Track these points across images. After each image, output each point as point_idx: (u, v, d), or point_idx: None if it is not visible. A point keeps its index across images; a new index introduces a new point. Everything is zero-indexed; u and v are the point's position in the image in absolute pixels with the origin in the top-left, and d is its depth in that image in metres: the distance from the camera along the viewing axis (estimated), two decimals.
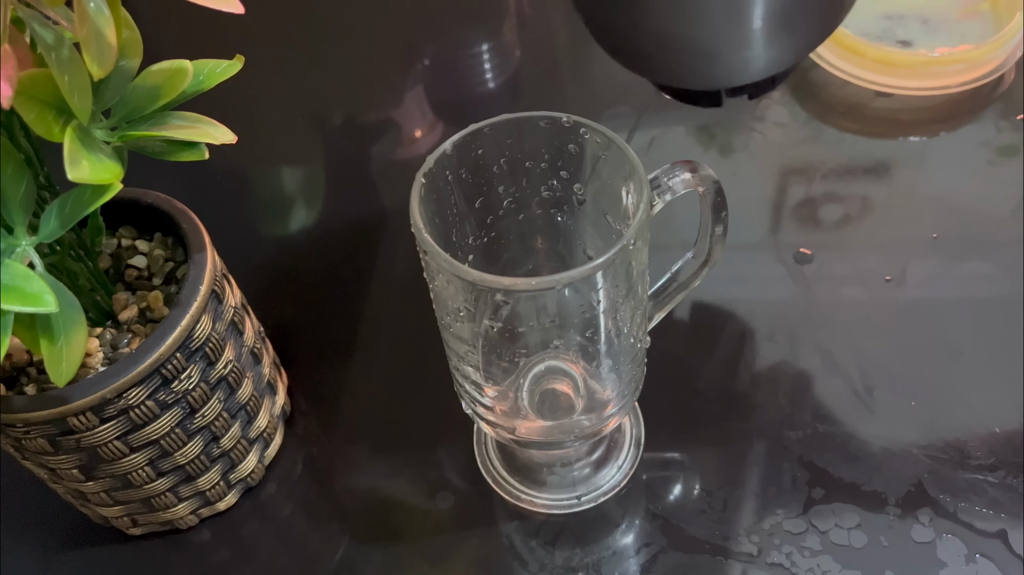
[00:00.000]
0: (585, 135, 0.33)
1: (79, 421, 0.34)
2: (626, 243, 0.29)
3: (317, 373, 0.47)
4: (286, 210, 0.56)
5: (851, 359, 0.44)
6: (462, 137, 0.33)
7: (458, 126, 0.33)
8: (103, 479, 0.37)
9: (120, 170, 0.29)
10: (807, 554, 0.38)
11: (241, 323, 0.40)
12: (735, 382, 0.44)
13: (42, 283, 0.28)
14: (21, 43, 0.28)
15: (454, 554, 0.40)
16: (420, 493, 0.42)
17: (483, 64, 0.63)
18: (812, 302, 0.47)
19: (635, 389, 0.38)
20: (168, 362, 0.35)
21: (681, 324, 0.44)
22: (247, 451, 0.41)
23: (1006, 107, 0.55)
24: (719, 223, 0.36)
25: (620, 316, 0.33)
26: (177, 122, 0.31)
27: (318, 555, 0.40)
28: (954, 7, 0.58)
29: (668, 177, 0.33)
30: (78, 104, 0.28)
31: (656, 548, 0.39)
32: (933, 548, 0.38)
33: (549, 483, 0.41)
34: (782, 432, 0.42)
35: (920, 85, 0.55)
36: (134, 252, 0.40)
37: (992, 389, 0.43)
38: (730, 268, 0.42)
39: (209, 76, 0.32)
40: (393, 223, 0.53)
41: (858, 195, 0.51)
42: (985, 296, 0.46)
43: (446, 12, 0.66)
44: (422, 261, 0.31)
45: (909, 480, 0.40)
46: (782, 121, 0.56)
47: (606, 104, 0.58)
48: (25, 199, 0.30)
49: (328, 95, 0.62)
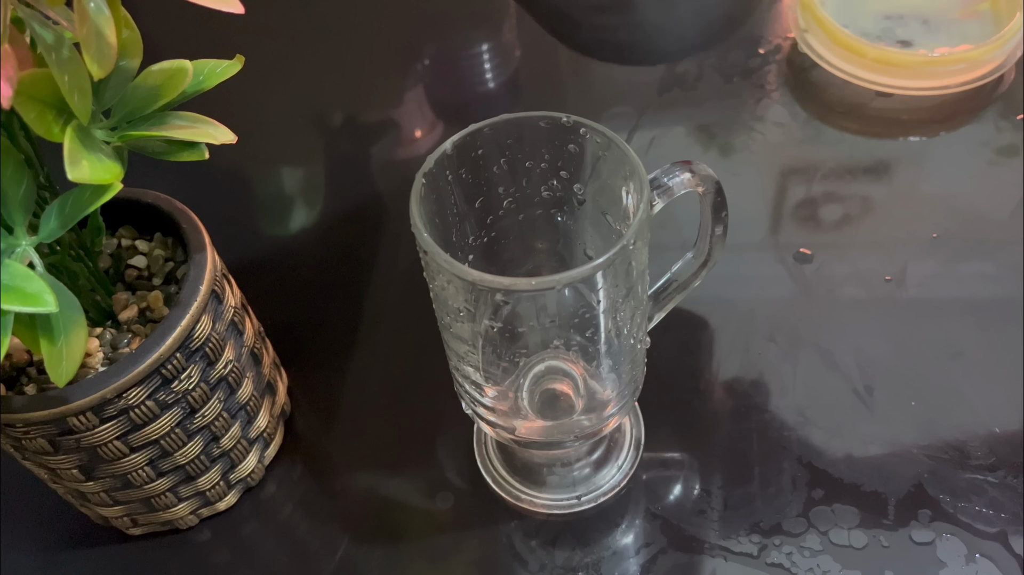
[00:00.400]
0: (585, 135, 0.33)
1: (79, 421, 0.34)
2: (626, 243, 0.29)
3: (317, 373, 0.47)
4: (286, 210, 0.56)
5: (851, 359, 0.44)
6: (462, 137, 0.33)
7: (458, 126, 0.33)
8: (103, 479, 0.37)
9: (120, 170, 0.29)
10: (807, 554, 0.38)
11: (241, 323, 0.40)
12: (735, 382, 0.44)
13: (42, 283, 0.28)
14: (21, 43, 0.28)
15: (454, 554, 0.40)
16: (420, 493, 0.42)
17: (483, 64, 0.63)
18: (812, 302, 0.47)
19: (635, 389, 0.38)
20: (168, 362, 0.35)
21: (681, 324, 0.44)
22: (247, 451, 0.41)
23: (1006, 107, 0.55)
24: (719, 223, 0.36)
25: (620, 316, 0.33)
26: (177, 122, 0.31)
27: (318, 555, 0.40)
28: (954, 7, 0.58)
29: (668, 177, 0.33)
30: (78, 104, 0.28)
31: (656, 548, 0.39)
32: (933, 548, 0.38)
33: (549, 483, 0.41)
34: (782, 432, 0.42)
35: (920, 85, 0.55)
36: (134, 252, 0.40)
37: (992, 389, 0.43)
38: (730, 268, 0.42)
39: (209, 76, 0.32)
40: (393, 223, 0.53)
41: (858, 195, 0.51)
42: (985, 296, 0.46)
43: (446, 12, 0.66)
44: (422, 261, 0.31)
45: (909, 480, 0.40)
46: (782, 121, 0.56)
47: (606, 104, 0.58)
48: (25, 199, 0.30)
49: (328, 95, 0.62)
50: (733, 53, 0.59)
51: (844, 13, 0.58)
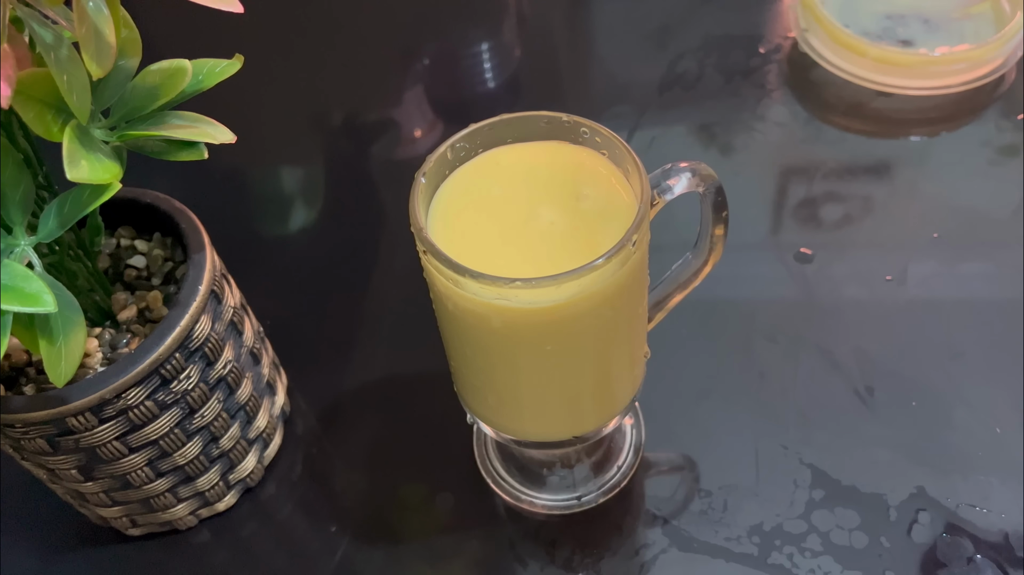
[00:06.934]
0: (585, 135, 0.33)
1: (78, 421, 0.34)
2: (626, 243, 0.29)
3: (317, 373, 0.47)
4: (286, 210, 0.56)
5: (851, 359, 0.44)
6: (462, 137, 0.33)
7: (458, 126, 0.33)
8: (102, 479, 0.37)
9: (119, 170, 0.29)
10: (808, 555, 0.38)
11: (240, 323, 0.40)
12: (736, 382, 0.44)
13: (41, 283, 0.28)
14: (20, 42, 0.28)
15: (454, 554, 0.40)
16: (420, 493, 0.42)
17: (483, 64, 0.63)
18: (812, 302, 0.47)
19: (635, 390, 0.38)
20: (167, 362, 0.35)
21: (681, 324, 0.44)
22: (246, 451, 0.41)
23: (1007, 107, 0.54)
24: (719, 223, 0.36)
25: (620, 316, 0.33)
26: (176, 122, 0.31)
27: (318, 555, 0.40)
28: (955, 7, 0.58)
29: (668, 177, 0.33)
30: (77, 104, 0.28)
31: (656, 549, 0.39)
32: (933, 549, 0.38)
33: (549, 483, 0.41)
34: (782, 433, 0.42)
35: (921, 85, 0.55)
36: (133, 252, 0.40)
37: (992, 389, 0.43)
38: (730, 268, 0.42)
39: (208, 76, 0.32)
40: (393, 223, 0.53)
41: (859, 195, 0.51)
42: (985, 296, 0.46)
43: (446, 12, 0.66)
44: (422, 261, 0.31)
45: (910, 481, 0.40)
46: (783, 121, 0.55)
47: (606, 104, 0.58)
48: (24, 199, 0.30)
49: (328, 95, 0.62)
50: (733, 53, 0.59)
51: (845, 13, 0.58)
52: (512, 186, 0.33)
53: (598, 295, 0.30)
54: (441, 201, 0.33)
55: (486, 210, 0.33)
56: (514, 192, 0.33)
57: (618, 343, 0.34)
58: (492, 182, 0.33)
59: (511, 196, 0.33)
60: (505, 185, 0.33)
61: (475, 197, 0.33)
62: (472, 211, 0.32)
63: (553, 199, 0.32)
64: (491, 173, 0.33)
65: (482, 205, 0.33)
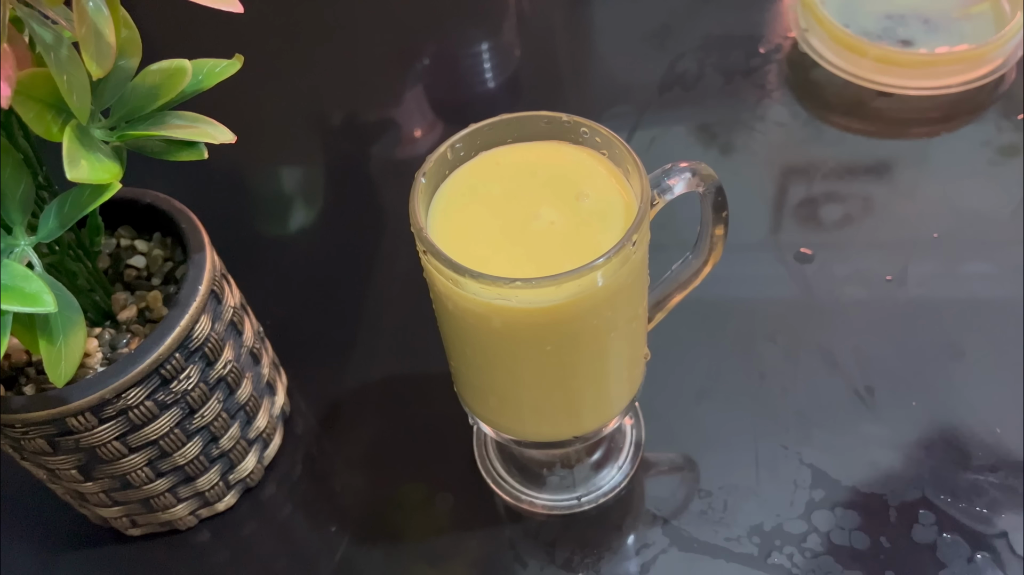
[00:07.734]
0: (585, 135, 0.33)
1: (78, 421, 0.34)
2: (626, 243, 0.29)
3: (317, 373, 0.47)
4: (286, 210, 0.56)
5: (851, 359, 0.44)
6: (462, 137, 0.33)
7: (458, 126, 0.33)
8: (102, 479, 0.37)
9: (119, 170, 0.29)
10: (808, 555, 0.38)
11: (240, 323, 0.40)
12: (736, 382, 0.44)
13: (41, 283, 0.28)
14: (20, 42, 0.28)
15: (454, 554, 0.40)
16: (420, 493, 0.42)
17: (483, 64, 0.63)
18: (812, 302, 0.47)
19: (635, 390, 0.38)
20: (167, 362, 0.35)
21: (681, 324, 0.44)
22: (246, 451, 0.41)
23: (1007, 107, 0.54)
24: (719, 223, 0.36)
25: (620, 316, 0.33)
26: (176, 122, 0.31)
27: (318, 555, 0.40)
28: (955, 7, 0.58)
29: (668, 177, 0.33)
30: (77, 104, 0.28)
31: (656, 549, 0.39)
32: (934, 549, 0.38)
33: (549, 483, 0.41)
34: (782, 432, 0.42)
35: (921, 85, 0.55)
36: (133, 252, 0.40)
37: (992, 389, 0.43)
38: (730, 268, 0.42)
39: (208, 76, 0.32)
40: (393, 223, 0.53)
41: (859, 195, 0.51)
42: (985, 296, 0.46)
43: (446, 12, 0.66)
44: (422, 261, 0.31)
45: (910, 481, 0.40)
46: (783, 121, 0.55)
47: (606, 104, 0.58)
48: (24, 199, 0.30)
49: (328, 95, 0.62)
50: (733, 53, 0.59)
51: (845, 12, 0.58)
52: (512, 186, 0.33)
53: (598, 295, 0.30)
54: (441, 201, 0.33)
55: (486, 210, 0.33)
56: (514, 192, 0.33)
57: (618, 343, 0.34)
58: (492, 182, 0.33)
59: (511, 196, 0.33)
60: (505, 185, 0.33)
61: (475, 197, 0.33)
62: (472, 211, 0.32)
63: (553, 199, 0.32)
64: (491, 173, 0.33)
65: (482, 205, 0.33)
